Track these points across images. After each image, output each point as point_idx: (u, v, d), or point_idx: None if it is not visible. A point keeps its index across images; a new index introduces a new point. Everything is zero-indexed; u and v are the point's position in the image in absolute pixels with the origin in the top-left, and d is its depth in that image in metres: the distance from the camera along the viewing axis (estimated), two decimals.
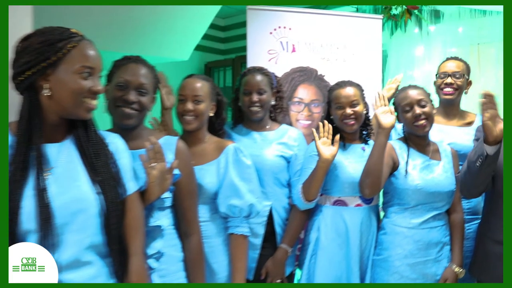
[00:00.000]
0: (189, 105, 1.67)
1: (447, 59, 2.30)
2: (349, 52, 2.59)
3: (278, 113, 2.05)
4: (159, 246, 1.41)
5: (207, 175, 1.66)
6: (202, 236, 1.58)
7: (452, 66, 2.22)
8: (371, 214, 1.95)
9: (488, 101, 1.58)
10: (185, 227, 1.53)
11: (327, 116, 2.00)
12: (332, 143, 1.81)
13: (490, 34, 3.11)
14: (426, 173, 1.86)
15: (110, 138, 1.27)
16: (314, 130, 1.84)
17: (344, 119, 1.92)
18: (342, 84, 1.97)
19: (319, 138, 1.82)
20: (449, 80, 2.20)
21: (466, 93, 2.25)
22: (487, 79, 3.07)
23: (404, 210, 1.87)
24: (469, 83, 2.27)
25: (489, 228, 1.84)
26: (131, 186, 1.26)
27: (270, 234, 1.91)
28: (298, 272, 2.09)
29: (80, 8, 2.22)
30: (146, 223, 1.36)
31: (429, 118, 1.86)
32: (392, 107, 1.90)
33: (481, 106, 1.59)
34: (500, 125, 1.57)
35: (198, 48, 4.23)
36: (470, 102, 2.28)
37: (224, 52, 4.65)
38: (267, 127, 1.99)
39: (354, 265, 1.89)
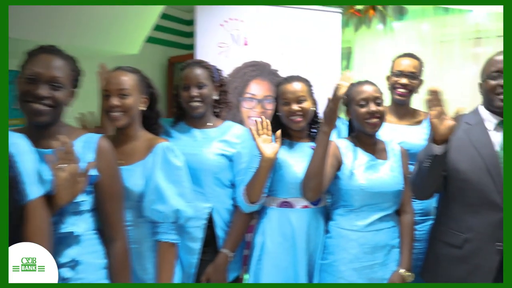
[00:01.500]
0: (114, 101, 1.55)
1: (403, 55, 2.23)
2: (305, 46, 2.50)
3: (222, 108, 1.94)
4: (74, 254, 1.31)
5: (133, 176, 1.54)
6: (128, 241, 1.46)
7: (408, 66, 2.15)
8: (318, 216, 1.87)
9: (434, 98, 1.51)
10: (108, 232, 1.42)
11: (275, 113, 1.91)
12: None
13: (453, 31, 3.07)
14: (371, 173, 1.78)
15: (12, 138, 1.15)
16: (251, 128, 1.74)
17: (290, 115, 1.83)
18: (289, 79, 1.89)
19: (259, 135, 1.72)
20: (404, 80, 2.13)
21: (417, 92, 2.19)
22: (450, 77, 3.02)
23: (349, 212, 1.80)
24: (421, 83, 2.20)
25: (440, 231, 1.79)
26: (33, 191, 1.15)
27: (211, 238, 1.80)
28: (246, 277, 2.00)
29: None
30: (56, 230, 1.25)
31: (382, 118, 1.79)
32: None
33: (427, 104, 1.52)
34: (447, 123, 1.50)
35: (162, 42, 4.09)
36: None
37: (189, 47, 4.50)
38: (209, 124, 1.88)
39: (301, 270, 1.81)
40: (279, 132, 1.74)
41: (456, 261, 1.69)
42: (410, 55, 2.21)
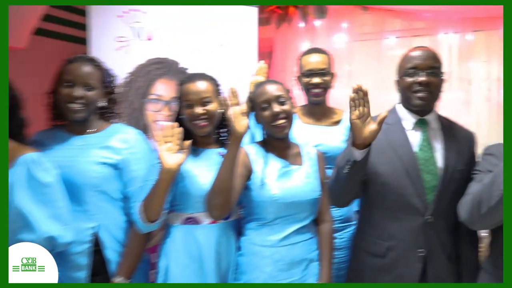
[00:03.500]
0: None
1: (309, 51, 2.08)
2: (218, 42, 2.28)
3: (109, 118, 1.67)
4: None
5: None
6: None
7: (317, 63, 2.01)
8: (229, 231, 1.66)
9: (359, 97, 1.35)
10: None
11: (178, 116, 1.68)
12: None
13: (372, 30, 3.02)
14: (284, 181, 1.60)
15: None
16: (157, 133, 1.50)
17: (194, 119, 1.61)
18: (192, 78, 1.66)
19: (164, 143, 1.47)
20: (316, 80, 1.99)
21: (331, 87, 2.06)
22: (370, 75, 2.96)
23: (261, 226, 1.61)
24: (334, 76, 2.07)
25: (362, 239, 1.69)
26: None
27: (101, 264, 1.52)
28: None
29: None
30: None
31: (289, 118, 1.61)
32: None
33: (350, 102, 1.36)
34: (370, 126, 1.35)
35: (54, 35, 3.60)
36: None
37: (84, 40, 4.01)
38: (90, 130, 1.60)
39: None
40: (188, 142, 1.50)
41: (379, 271, 1.60)
42: (317, 50, 2.07)
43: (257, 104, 1.63)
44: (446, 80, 1.58)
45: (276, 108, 1.59)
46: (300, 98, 2.09)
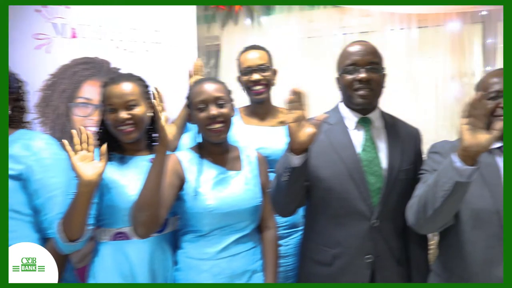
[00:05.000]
0: None
1: (246, 48, 1.97)
2: (154, 40, 2.12)
3: (15, 127, 1.49)
4: None
5: None
6: None
7: (256, 59, 1.90)
8: (164, 245, 1.52)
9: (295, 99, 1.23)
10: None
11: (102, 121, 1.52)
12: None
13: (319, 27, 2.95)
14: (220, 190, 1.47)
15: None
16: (65, 142, 1.32)
17: (118, 125, 1.45)
18: (116, 79, 1.51)
19: (76, 152, 1.31)
20: (256, 76, 1.88)
21: (274, 84, 1.95)
22: (318, 72, 2.88)
23: (198, 238, 1.48)
24: (275, 73, 1.97)
25: (308, 247, 1.59)
26: None
27: None
28: None
29: None
30: None
31: (227, 122, 1.49)
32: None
33: (286, 105, 1.24)
34: (307, 130, 1.23)
35: None
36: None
37: None
38: None
39: None
40: (104, 147, 1.35)
41: (327, 280, 1.50)
42: (254, 47, 1.97)
43: (193, 104, 1.50)
44: (387, 75, 1.50)
45: (213, 110, 1.46)
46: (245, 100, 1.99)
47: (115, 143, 1.52)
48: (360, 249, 1.45)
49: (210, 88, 1.49)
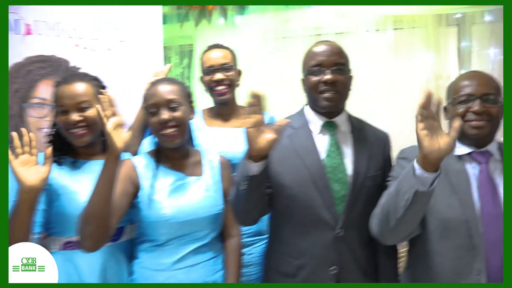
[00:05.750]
0: None
1: (209, 47, 1.90)
2: (118, 38, 2.02)
3: None
4: None
5: None
6: None
7: (218, 58, 1.83)
8: (119, 254, 1.44)
9: (255, 102, 1.15)
10: None
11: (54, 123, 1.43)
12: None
13: (294, 27, 2.89)
14: (177, 197, 1.39)
15: None
16: (14, 134, 1.24)
17: (69, 127, 1.36)
18: (69, 79, 1.42)
19: (17, 156, 1.22)
20: (219, 75, 1.80)
21: (238, 85, 1.88)
22: (292, 73, 2.82)
23: (154, 248, 1.39)
24: (240, 73, 1.90)
25: (271, 257, 1.51)
26: None
27: None
28: None
29: None
30: None
31: (181, 127, 1.40)
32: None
33: (246, 109, 1.17)
34: (266, 136, 1.16)
35: None
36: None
37: None
38: None
39: None
40: (49, 150, 1.26)
41: None
42: (217, 46, 1.90)
43: (146, 107, 1.41)
44: (353, 77, 1.44)
45: (165, 114, 1.37)
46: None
47: (68, 147, 1.43)
48: (324, 260, 1.38)
49: (162, 90, 1.40)
